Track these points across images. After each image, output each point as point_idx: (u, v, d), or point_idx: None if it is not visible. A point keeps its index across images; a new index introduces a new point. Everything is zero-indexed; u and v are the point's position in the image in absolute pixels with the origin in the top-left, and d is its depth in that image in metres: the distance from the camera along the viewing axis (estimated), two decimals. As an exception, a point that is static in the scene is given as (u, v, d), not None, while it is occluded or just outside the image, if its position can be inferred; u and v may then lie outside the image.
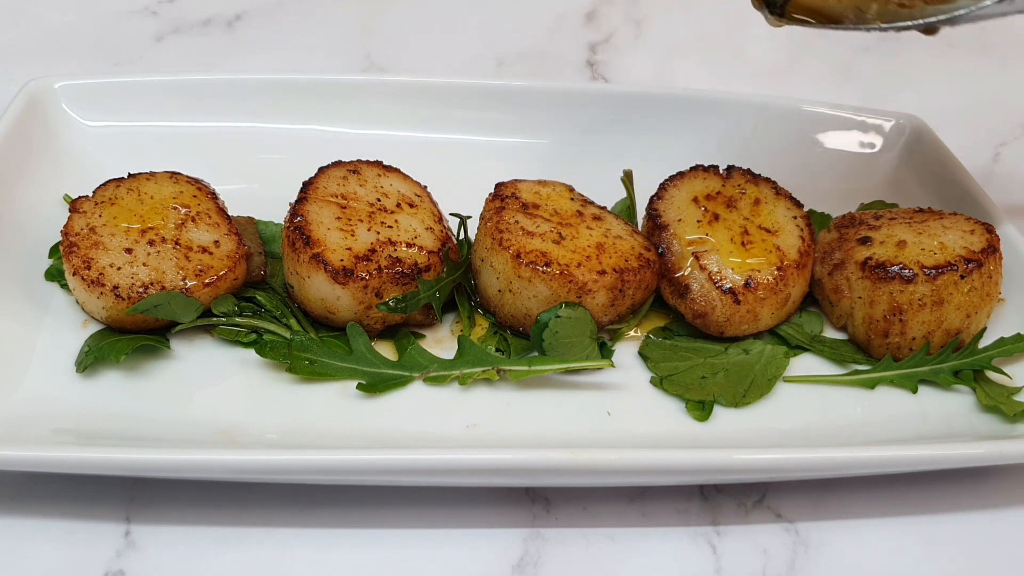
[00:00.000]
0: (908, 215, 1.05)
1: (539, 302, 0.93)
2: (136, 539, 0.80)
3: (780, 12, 0.90)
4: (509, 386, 0.92)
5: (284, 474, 0.79)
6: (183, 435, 0.84)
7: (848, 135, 1.22)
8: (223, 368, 0.91)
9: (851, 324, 1.00)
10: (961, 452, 0.86)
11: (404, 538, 0.82)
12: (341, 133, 1.18)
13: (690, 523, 0.85)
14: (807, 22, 0.89)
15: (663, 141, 1.20)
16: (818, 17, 0.89)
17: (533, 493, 0.86)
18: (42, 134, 1.09)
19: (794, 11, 0.89)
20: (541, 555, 0.82)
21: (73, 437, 0.84)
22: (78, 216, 0.94)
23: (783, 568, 0.83)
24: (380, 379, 0.90)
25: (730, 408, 0.92)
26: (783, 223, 1.01)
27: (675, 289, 0.98)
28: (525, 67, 1.50)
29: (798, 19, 0.90)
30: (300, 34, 1.52)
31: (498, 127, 1.21)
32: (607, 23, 1.62)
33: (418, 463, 0.78)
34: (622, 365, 0.95)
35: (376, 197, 0.98)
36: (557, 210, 0.99)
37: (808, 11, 0.89)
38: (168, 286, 0.89)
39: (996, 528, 0.87)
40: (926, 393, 0.96)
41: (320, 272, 0.90)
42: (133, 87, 1.16)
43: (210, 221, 0.96)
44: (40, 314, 0.94)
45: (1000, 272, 0.98)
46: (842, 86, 1.52)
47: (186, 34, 1.49)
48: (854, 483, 0.89)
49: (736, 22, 1.66)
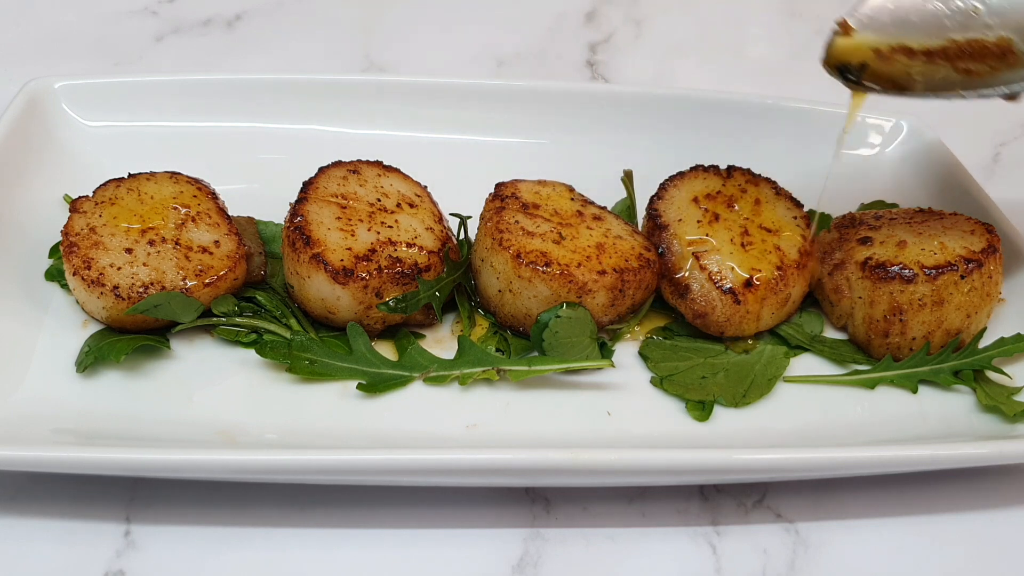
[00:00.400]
0: (908, 215, 1.05)
1: (539, 302, 0.93)
2: (136, 539, 0.80)
3: (856, 80, 0.92)
4: (509, 386, 0.92)
5: (284, 474, 0.79)
6: (183, 435, 0.84)
7: (848, 135, 1.22)
8: (223, 368, 0.91)
9: (851, 324, 1.00)
10: (961, 452, 0.86)
11: (404, 538, 0.82)
12: (341, 133, 1.18)
13: (690, 523, 0.85)
14: (882, 90, 0.92)
15: (663, 141, 1.19)
16: (892, 84, 0.91)
17: (533, 493, 0.86)
18: (42, 134, 1.09)
19: (868, 80, 0.92)
20: (541, 555, 0.82)
21: (73, 437, 0.84)
22: (78, 216, 0.94)
23: (783, 568, 0.83)
24: (380, 379, 0.90)
25: (730, 408, 0.92)
26: (783, 223, 1.01)
27: (675, 289, 0.98)
28: (525, 67, 1.50)
29: (871, 87, 0.92)
30: (300, 34, 1.52)
31: (498, 127, 1.20)
32: (607, 23, 1.62)
33: (418, 463, 0.78)
34: (622, 365, 0.95)
35: (376, 197, 0.98)
36: (557, 210, 0.99)
37: (883, 79, 0.92)
38: (168, 286, 0.89)
39: (996, 528, 0.87)
40: (926, 393, 0.96)
41: (320, 272, 0.90)
42: (133, 87, 1.16)
43: (210, 221, 0.96)
44: (40, 314, 0.94)
45: (1000, 272, 0.98)
46: (842, 86, 1.51)
47: (186, 34, 1.49)
48: (854, 483, 0.89)
49: (736, 22, 1.66)
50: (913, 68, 0.89)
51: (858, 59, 0.91)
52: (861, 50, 0.91)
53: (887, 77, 0.91)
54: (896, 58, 0.90)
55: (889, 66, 0.90)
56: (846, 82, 0.93)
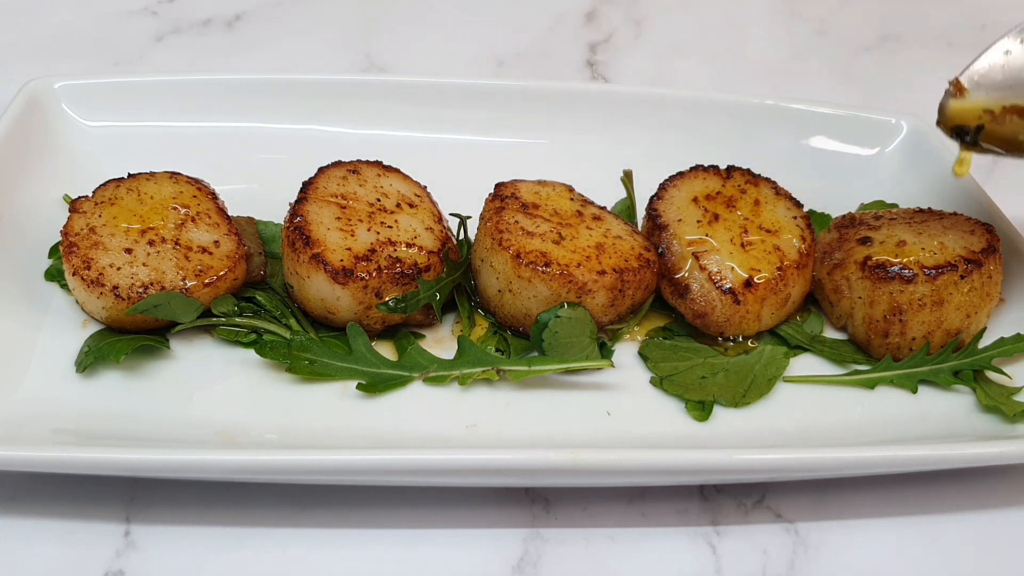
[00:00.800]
0: (908, 215, 1.05)
1: (539, 302, 0.93)
2: (136, 539, 0.80)
3: (973, 142, 0.93)
4: (509, 386, 0.92)
5: (284, 474, 0.79)
6: (183, 435, 0.84)
7: (848, 135, 1.22)
8: (223, 368, 0.91)
9: (851, 324, 1.00)
10: (961, 452, 0.86)
11: (404, 538, 0.82)
12: (341, 133, 1.18)
13: (690, 523, 0.85)
14: (998, 152, 0.93)
15: (663, 141, 1.19)
16: (1005, 145, 0.93)
17: (533, 493, 0.86)
18: (42, 134, 1.09)
19: (985, 140, 0.93)
20: (541, 555, 0.82)
21: (73, 437, 0.84)
22: (78, 216, 0.94)
23: (783, 568, 0.83)
24: (380, 379, 0.90)
25: (730, 408, 0.92)
26: (783, 223, 1.01)
27: (675, 289, 0.98)
28: (525, 67, 1.50)
29: (988, 149, 0.93)
30: (300, 34, 1.52)
31: (498, 127, 1.20)
32: (607, 23, 1.62)
33: (418, 463, 0.78)
34: (622, 365, 0.95)
35: (376, 197, 0.98)
36: (557, 210, 0.99)
37: (996, 140, 0.93)
38: (168, 286, 0.89)
39: (996, 528, 0.87)
40: (926, 393, 0.96)
41: (320, 272, 0.90)
42: (133, 87, 1.16)
43: (210, 221, 0.96)
44: (40, 314, 0.94)
45: (1000, 272, 0.98)
46: (842, 86, 1.52)
47: (186, 34, 1.49)
48: (854, 483, 0.89)
49: (736, 22, 1.66)
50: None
51: (975, 122, 0.92)
52: (975, 112, 0.92)
53: (1000, 137, 0.92)
54: (1009, 119, 0.90)
55: (1001, 127, 0.91)
56: (963, 144, 0.94)
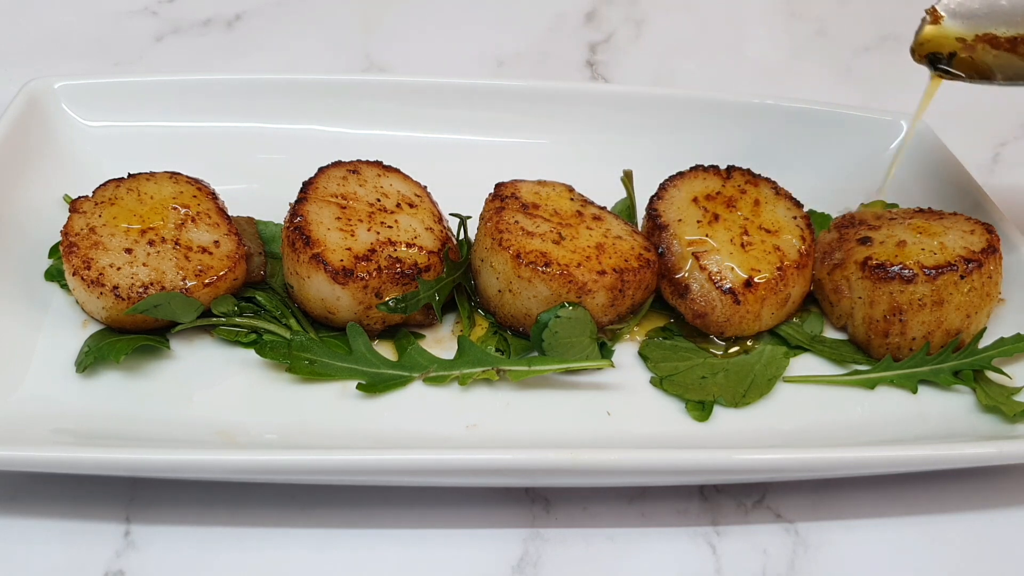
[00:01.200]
0: (908, 215, 1.05)
1: (539, 302, 0.93)
2: (136, 539, 0.80)
3: (945, 69, 0.94)
4: (509, 386, 0.92)
5: (284, 474, 0.79)
6: (183, 435, 0.84)
7: (848, 135, 1.22)
8: (223, 368, 0.91)
9: (851, 324, 1.00)
10: (961, 452, 0.86)
11: (404, 538, 0.82)
12: (341, 133, 1.18)
13: (690, 523, 0.85)
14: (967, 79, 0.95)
15: (663, 141, 1.19)
16: (975, 73, 0.94)
17: (533, 493, 0.86)
18: (42, 134, 1.09)
19: (956, 68, 0.94)
20: (541, 555, 0.82)
21: (73, 437, 0.84)
22: (78, 216, 0.94)
23: (783, 568, 0.83)
24: (380, 379, 0.90)
25: (730, 408, 0.92)
26: (783, 223, 1.01)
27: (675, 289, 0.98)
28: (525, 67, 1.50)
29: (957, 75, 0.94)
30: (300, 34, 1.52)
31: (498, 127, 1.20)
32: (607, 23, 1.62)
33: (418, 463, 0.78)
34: (622, 365, 0.95)
35: (376, 197, 0.98)
36: (557, 210, 0.99)
37: (966, 67, 0.94)
38: (168, 286, 0.89)
39: (996, 528, 0.87)
40: (926, 393, 0.96)
41: (320, 272, 0.90)
42: (133, 87, 1.15)
43: (210, 221, 0.96)
44: (40, 314, 0.94)
45: (1000, 272, 0.98)
46: (842, 86, 1.52)
47: (186, 34, 1.49)
48: (854, 483, 0.89)
49: (736, 22, 1.66)
50: (996, 58, 0.90)
51: (947, 49, 0.92)
52: (949, 39, 0.92)
53: (971, 66, 0.92)
54: (981, 47, 0.90)
55: (973, 55, 0.92)
56: (935, 71, 0.94)
